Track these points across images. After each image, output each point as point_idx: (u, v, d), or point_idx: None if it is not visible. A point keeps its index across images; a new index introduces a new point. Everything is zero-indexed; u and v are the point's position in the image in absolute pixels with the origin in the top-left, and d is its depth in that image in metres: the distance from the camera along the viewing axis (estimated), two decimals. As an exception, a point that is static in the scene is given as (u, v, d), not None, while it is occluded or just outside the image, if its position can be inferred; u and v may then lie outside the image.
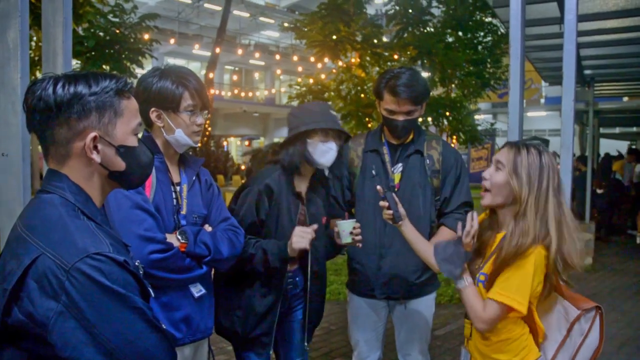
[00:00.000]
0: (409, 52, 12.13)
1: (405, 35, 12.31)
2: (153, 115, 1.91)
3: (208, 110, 2.03)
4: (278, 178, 2.28)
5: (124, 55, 10.30)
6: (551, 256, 1.72)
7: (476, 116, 15.91)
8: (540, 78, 10.84)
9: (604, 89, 10.03)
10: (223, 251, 1.94)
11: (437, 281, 2.69)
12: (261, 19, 31.27)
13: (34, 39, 9.06)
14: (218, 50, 16.64)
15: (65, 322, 1.01)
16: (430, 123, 12.53)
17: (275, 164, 2.33)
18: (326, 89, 12.78)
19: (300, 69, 17.76)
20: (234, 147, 29.82)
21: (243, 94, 28.36)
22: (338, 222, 2.31)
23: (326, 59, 12.14)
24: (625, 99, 15.65)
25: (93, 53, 9.77)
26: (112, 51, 10.08)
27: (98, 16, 10.00)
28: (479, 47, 12.94)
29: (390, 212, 2.07)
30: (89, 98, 1.15)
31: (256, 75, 33.70)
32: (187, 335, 1.92)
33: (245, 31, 31.60)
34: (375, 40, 12.20)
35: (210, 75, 16.81)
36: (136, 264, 1.23)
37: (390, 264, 2.48)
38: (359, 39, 11.98)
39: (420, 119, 10.26)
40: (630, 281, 6.78)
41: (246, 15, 30.39)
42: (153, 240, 1.76)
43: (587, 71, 8.03)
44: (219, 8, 21.75)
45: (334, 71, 12.90)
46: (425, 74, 12.82)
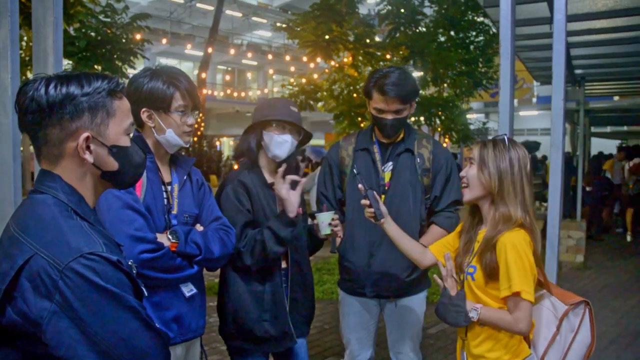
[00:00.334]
0: (401, 52, 12.13)
1: (398, 35, 12.30)
2: (144, 116, 1.92)
3: (199, 111, 2.04)
4: (248, 174, 2.31)
5: (115, 56, 10.24)
6: (535, 238, 1.83)
7: (468, 115, 15.95)
8: (532, 77, 10.89)
9: (594, 88, 10.08)
10: (214, 250, 1.95)
11: (428, 280, 2.71)
12: (254, 18, 31.21)
13: (24, 38, 9.00)
14: (210, 50, 16.58)
15: (59, 322, 1.01)
16: (423, 122, 12.55)
17: (240, 166, 2.37)
18: (319, 89, 12.77)
19: (292, 68, 17.72)
20: (227, 147, 29.72)
21: (236, 94, 28.32)
22: (317, 214, 2.34)
23: (319, 59, 12.12)
24: (616, 98, 15.75)
25: (84, 53, 9.70)
26: (104, 51, 10.02)
27: (89, 16, 9.94)
28: (471, 47, 12.95)
29: (372, 210, 2.09)
30: (81, 98, 1.15)
31: (249, 75, 33.65)
32: (179, 335, 1.92)
33: (237, 31, 31.54)
34: (367, 40, 12.19)
35: (203, 75, 16.75)
36: (129, 263, 1.24)
37: (381, 262, 2.50)
38: (352, 38, 11.97)
39: (412, 119, 10.18)
40: (620, 279, 6.84)
41: (239, 15, 30.34)
42: (143, 240, 1.76)
43: (578, 70, 8.07)
44: (211, 8, 21.69)
45: (327, 71, 12.89)
46: (417, 74, 12.84)
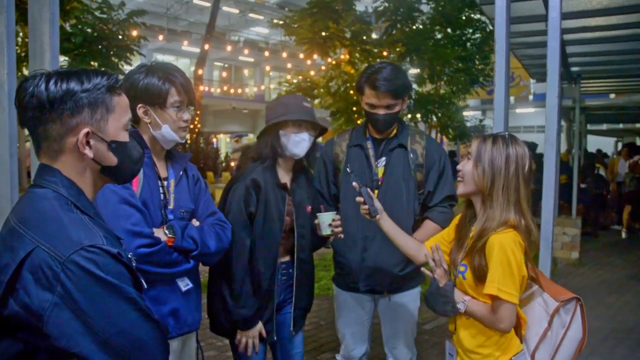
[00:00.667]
0: (398, 49, 12.14)
1: (394, 32, 12.29)
2: (140, 111, 1.93)
3: (194, 106, 2.05)
4: (262, 172, 2.34)
5: (112, 52, 10.21)
6: (531, 239, 1.81)
7: (465, 113, 15.95)
8: (528, 75, 10.90)
9: (590, 85, 10.11)
10: (210, 245, 1.96)
11: (422, 275, 2.72)
12: (250, 15, 31.14)
13: (20, 34, 8.96)
14: (207, 46, 16.55)
15: (60, 313, 1.03)
16: (420, 120, 12.56)
17: (255, 160, 2.39)
18: (315, 86, 12.77)
19: (289, 65, 17.75)
20: (224, 144, 29.70)
21: (232, 91, 28.32)
22: (318, 215, 2.36)
23: (315, 56, 12.13)
24: (612, 95, 15.78)
25: (80, 49, 9.67)
26: (100, 48, 9.99)
27: (85, 12, 9.90)
28: (468, 44, 12.94)
29: (367, 207, 2.11)
30: (81, 94, 1.17)
31: (245, 71, 33.58)
32: (175, 329, 1.94)
33: (234, 27, 31.47)
34: (364, 37, 12.20)
35: (200, 71, 16.72)
36: (129, 256, 1.25)
37: (374, 257, 2.52)
38: (348, 35, 11.98)
39: (409, 115, 10.14)
40: (614, 275, 6.88)
41: (235, 11, 30.27)
42: (140, 234, 1.78)
43: (574, 68, 8.09)
44: (208, 4, 21.63)
45: (323, 68, 12.89)
46: (414, 71, 12.84)
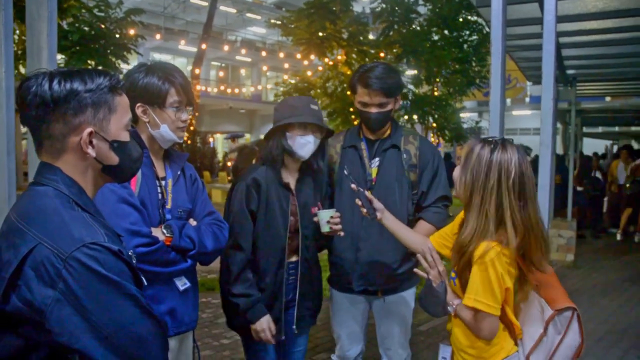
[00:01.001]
0: (395, 50, 12.17)
1: (391, 33, 12.30)
2: (139, 111, 1.93)
3: (193, 107, 2.06)
4: (265, 172, 2.36)
5: (109, 51, 10.19)
6: (511, 255, 1.69)
7: (461, 114, 16.00)
8: (524, 77, 10.94)
9: (586, 88, 10.15)
10: (207, 245, 1.97)
11: (417, 277, 2.73)
12: (248, 15, 31.14)
13: (17, 32, 8.93)
14: (204, 46, 16.54)
15: (62, 309, 1.04)
16: (416, 121, 12.58)
17: (264, 161, 2.40)
18: (312, 86, 12.78)
19: (286, 65, 17.76)
20: (220, 144, 29.65)
21: (229, 91, 28.26)
22: (317, 212, 2.38)
23: (312, 56, 12.14)
24: (608, 98, 15.84)
25: (78, 48, 9.65)
26: (97, 46, 9.98)
27: (83, 10, 9.88)
28: (465, 46, 12.97)
29: (365, 210, 2.15)
30: (84, 94, 1.19)
31: (242, 71, 33.55)
32: (172, 328, 1.95)
33: (231, 27, 31.44)
34: (361, 37, 12.22)
35: (197, 71, 16.71)
36: (129, 253, 1.26)
37: (367, 256, 2.53)
38: (345, 36, 11.99)
39: (406, 117, 10.17)
40: (609, 278, 6.92)
41: (233, 11, 30.27)
42: (139, 233, 1.78)
43: (570, 71, 8.13)
44: (205, 3, 21.67)
45: (320, 68, 12.90)
46: (411, 72, 12.86)
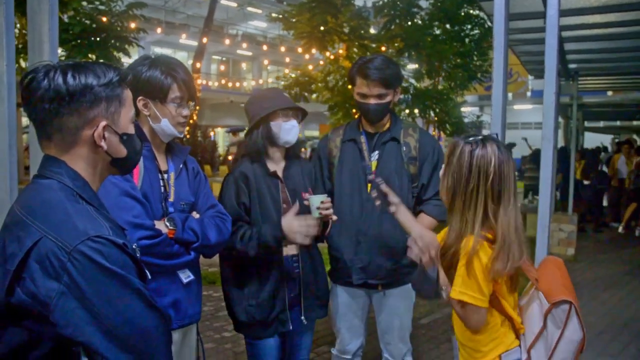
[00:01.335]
0: (396, 44, 12.14)
1: (393, 27, 12.28)
2: (140, 104, 1.94)
3: (195, 102, 2.06)
4: (250, 164, 2.39)
5: (109, 44, 10.17)
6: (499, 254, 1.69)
7: (463, 108, 15.97)
8: (526, 71, 10.91)
9: (588, 82, 10.12)
10: (211, 237, 1.98)
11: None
12: (249, 9, 31.04)
13: (17, 26, 8.91)
14: (205, 40, 16.47)
15: (66, 302, 1.05)
16: (418, 115, 12.57)
17: (248, 155, 2.43)
18: (313, 80, 12.76)
19: (287, 59, 17.70)
20: (221, 138, 29.62)
21: (230, 85, 28.18)
22: (308, 197, 2.38)
23: (314, 50, 12.11)
24: (610, 93, 15.81)
25: (79, 41, 9.63)
26: (99, 39, 9.95)
27: (84, 2, 9.85)
28: (466, 40, 12.93)
29: (379, 202, 2.16)
30: (98, 88, 1.20)
31: (243, 65, 33.50)
32: (176, 321, 1.95)
33: (232, 21, 31.34)
34: (362, 31, 12.19)
35: (197, 65, 16.66)
36: (133, 246, 1.27)
37: (367, 249, 2.53)
38: (347, 30, 11.96)
39: (407, 111, 10.12)
40: (610, 271, 6.93)
41: (234, 5, 30.16)
42: (142, 226, 1.79)
43: (572, 65, 8.10)
44: (207, -3, 21.54)
45: (321, 62, 12.87)
46: (412, 66, 12.83)
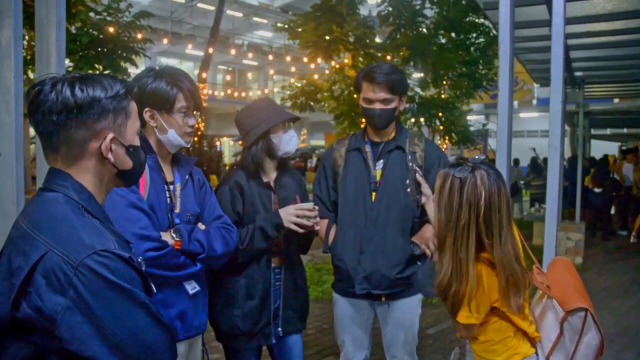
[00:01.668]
0: (401, 53, 12.15)
1: (398, 36, 12.29)
2: (146, 116, 1.94)
3: (201, 112, 2.06)
4: (244, 175, 2.41)
5: (117, 54, 10.22)
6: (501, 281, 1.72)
7: (468, 117, 15.93)
8: (532, 79, 10.90)
9: (594, 90, 10.10)
10: (217, 248, 1.97)
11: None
12: (254, 19, 31.21)
13: (26, 38, 8.98)
14: (211, 50, 16.56)
15: (72, 317, 1.04)
16: (423, 124, 12.55)
17: (237, 167, 2.46)
18: (319, 90, 12.78)
19: (293, 69, 17.75)
20: (227, 147, 29.70)
21: (236, 94, 28.29)
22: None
23: (319, 60, 12.14)
24: (616, 100, 15.73)
25: (86, 51, 9.69)
26: (106, 50, 10.01)
27: (91, 13, 9.92)
28: (472, 49, 12.93)
29: (409, 190, 2.19)
30: (106, 101, 1.20)
31: (249, 75, 33.66)
32: (182, 332, 1.95)
33: (238, 31, 31.53)
34: (367, 41, 12.21)
35: (204, 75, 16.74)
36: (139, 260, 1.26)
37: (370, 259, 2.51)
38: (352, 39, 11.99)
39: (412, 119, 10.10)
40: (619, 280, 6.87)
41: (239, 15, 30.35)
42: (148, 238, 1.79)
43: (578, 73, 8.09)
44: (212, 8, 21.70)
45: (327, 72, 12.90)
46: (418, 75, 12.83)
